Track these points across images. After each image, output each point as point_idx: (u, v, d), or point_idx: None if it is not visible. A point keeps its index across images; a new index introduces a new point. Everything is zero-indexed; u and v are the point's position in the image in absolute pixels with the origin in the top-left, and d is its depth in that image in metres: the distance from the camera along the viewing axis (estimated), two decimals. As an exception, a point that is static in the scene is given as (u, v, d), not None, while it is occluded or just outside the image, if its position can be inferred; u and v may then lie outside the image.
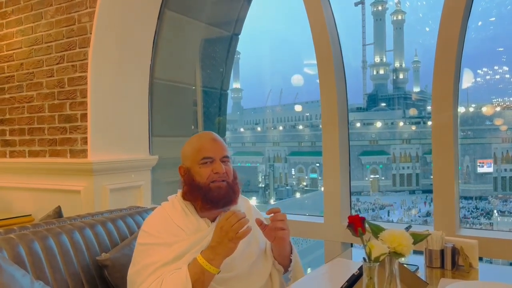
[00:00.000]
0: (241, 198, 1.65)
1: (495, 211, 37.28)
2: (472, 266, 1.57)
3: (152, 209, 2.27)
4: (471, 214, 36.02)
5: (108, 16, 2.70)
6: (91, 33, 2.67)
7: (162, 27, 3.09)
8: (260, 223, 1.51)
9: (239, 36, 3.73)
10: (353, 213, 2.79)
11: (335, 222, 2.31)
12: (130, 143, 2.97)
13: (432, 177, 2.03)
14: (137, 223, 2.10)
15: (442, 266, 1.60)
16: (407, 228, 1.33)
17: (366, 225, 1.09)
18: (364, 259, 1.01)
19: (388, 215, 39.50)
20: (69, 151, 2.79)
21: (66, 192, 2.74)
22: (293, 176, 52.56)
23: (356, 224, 1.01)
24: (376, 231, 1.05)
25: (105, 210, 2.17)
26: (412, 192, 48.75)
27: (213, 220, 1.55)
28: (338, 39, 2.46)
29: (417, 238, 1.04)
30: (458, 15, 1.98)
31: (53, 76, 2.87)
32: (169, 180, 3.23)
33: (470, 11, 2.04)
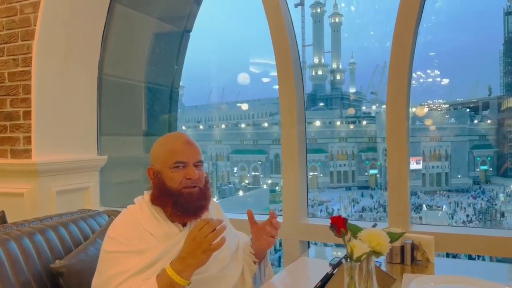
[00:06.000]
0: (211, 201, 1.61)
1: (424, 205, 39.74)
2: (429, 261, 1.65)
3: (106, 212, 2.18)
4: (402, 208, 38.00)
5: (54, 8, 2.54)
6: (35, 25, 2.50)
7: (111, 21, 2.96)
8: (252, 216, 1.48)
9: (190, 34, 3.68)
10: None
11: (294, 220, 2.34)
12: (77, 143, 2.82)
13: (385, 175, 2.10)
14: (90, 227, 1.99)
15: (402, 261, 1.67)
16: (373, 226, 1.37)
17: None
18: (345, 258, 1.03)
19: (326, 211, 40.79)
20: (9, 151, 2.60)
21: (7, 196, 2.54)
22: (236, 174, 52.76)
23: (339, 225, 1.02)
24: (355, 231, 1.07)
25: (54, 214, 2.04)
26: (349, 188, 50.75)
27: (184, 225, 1.49)
28: (295, 39, 2.49)
29: (394, 237, 1.08)
30: (411, 20, 2.07)
31: (-9, 70, 2.65)
32: (119, 181, 3.11)
33: (421, 16, 2.14)
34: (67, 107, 2.73)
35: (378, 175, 52.04)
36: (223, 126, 58.58)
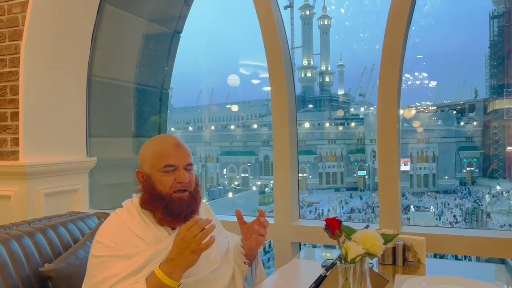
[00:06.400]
0: (201, 203, 1.60)
1: (411, 206, 40.09)
2: (420, 262, 1.66)
3: (96, 214, 2.16)
4: (391, 209, 38.31)
5: (43, 8, 2.51)
6: (23, 25, 2.46)
7: (101, 21, 2.93)
8: (240, 216, 1.47)
9: (181, 35, 3.66)
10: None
11: (286, 222, 2.34)
12: (66, 144, 2.78)
13: (376, 176, 2.11)
14: (80, 230, 1.97)
15: (394, 262, 1.68)
16: (366, 228, 1.38)
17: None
18: (339, 260, 1.03)
19: (316, 212, 40.93)
20: (-4, 153, 2.55)
21: (-7, 198, 2.50)
22: (225, 176, 52.68)
23: (334, 227, 1.02)
24: (348, 232, 1.07)
25: (43, 217, 2.01)
26: (337, 189, 51.02)
27: (173, 228, 1.47)
28: (287, 40, 2.49)
29: (387, 238, 1.08)
30: (402, 23, 2.09)
31: (-23, 70, 2.61)
32: (108, 183, 3.08)
33: (412, 18, 2.16)
34: (56, 108, 2.69)
35: (366, 177, 52.40)
36: (213, 127, 58.49)
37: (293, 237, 2.32)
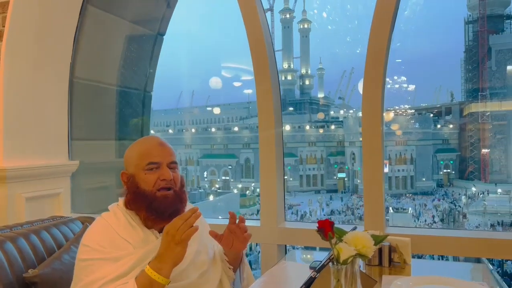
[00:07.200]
0: (187, 205, 1.59)
1: (390, 208, 40.67)
2: (406, 262, 1.69)
3: (79, 218, 2.12)
4: (370, 211, 38.79)
5: (24, 8, 2.46)
6: (3, 26, 2.41)
7: (84, 23, 2.89)
8: (215, 235, 1.46)
9: (164, 37, 3.64)
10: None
11: (272, 224, 2.34)
12: (47, 147, 2.72)
13: (361, 179, 2.14)
14: (64, 234, 1.94)
15: (380, 263, 1.70)
16: (353, 229, 1.40)
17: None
18: (332, 261, 1.04)
19: (297, 214, 41.12)
20: (-25, 157, 2.48)
21: (-28, 203, 2.43)
22: (206, 179, 52.45)
23: (326, 229, 1.03)
24: (340, 234, 1.08)
25: (25, 222, 1.96)
26: (318, 192, 51.42)
27: (160, 231, 1.44)
28: (272, 43, 2.51)
29: (378, 239, 1.10)
30: (386, 26, 2.13)
31: (-46, 72, 2.53)
32: (91, 186, 3.04)
33: (395, 22, 2.20)
34: (37, 111, 2.64)
35: (346, 179, 52.95)
36: (193, 130, 58.19)
37: (279, 240, 2.33)
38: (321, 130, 54.89)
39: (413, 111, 55.91)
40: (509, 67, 48.72)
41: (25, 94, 2.57)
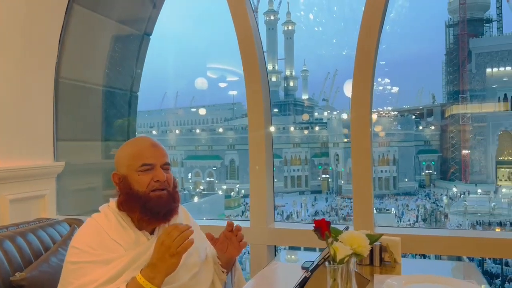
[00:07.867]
0: (179, 207, 1.58)
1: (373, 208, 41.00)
2: (396, 262, 1.71)
3: (66, 220, 2.09)
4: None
5: (9, 7, 2.42)
6: (-13, 24, 2.36)
7: (69, 22, 2.84)
8: (211, 238, 1.46)
9: (150, 37, 3.61)
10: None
11: (262, 225, 2.34)
12: (32, 148, 2.68)
13: (351, 180, 2.16)
14: (51, 236, 1.90)
15: (371, 263, 1.71)
16: (346, 229, 1.40)
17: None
18: (328, 261, 1.04)
19: (282, 215, 41.20)
20: (-43, 158, 2.42)
21: (-46, 205, 2.37)
22: (190, 180, 52.15)
23: (323, 228, 1.03)
24: (336, 234, 1.09)
25: (10, 224, 1.92)
26: (302, 193, 51.57)
27: (152, 233, 1.45)
28: (261, 44, 2.51)
29: (373, 239, 1.10)
30: (375, 29, 2.15)
31: None
32: (77, 188, 2.99)
33: (383, 24, 2.22)
34: (22, 111, 2.59)
35: (330, 180, 53.27)
36: (177, 131, 57.83)
37: (269, 240, 2.33)
38: (305, 132, 55.12)
39: (395, 112, 56.61)
40: (488, 70, 49.72)
41: (9, 94, 2.52)
